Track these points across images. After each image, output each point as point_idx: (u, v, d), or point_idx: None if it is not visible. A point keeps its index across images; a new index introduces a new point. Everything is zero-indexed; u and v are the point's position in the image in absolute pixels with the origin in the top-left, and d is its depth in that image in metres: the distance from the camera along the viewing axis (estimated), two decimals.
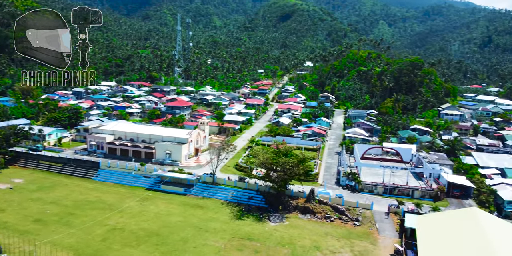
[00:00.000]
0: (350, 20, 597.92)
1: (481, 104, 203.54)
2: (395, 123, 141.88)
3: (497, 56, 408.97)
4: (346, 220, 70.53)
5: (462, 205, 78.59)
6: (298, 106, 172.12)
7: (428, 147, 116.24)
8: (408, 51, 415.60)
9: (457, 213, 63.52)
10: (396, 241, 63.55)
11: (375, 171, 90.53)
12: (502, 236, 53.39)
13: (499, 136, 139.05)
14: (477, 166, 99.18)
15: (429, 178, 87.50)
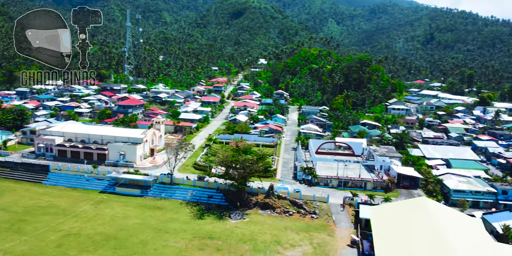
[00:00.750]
0: (301, 18, 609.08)
1: (425, 99, 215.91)
2: (346, 119, 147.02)
3: (439, 52, 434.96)
4: (304, 213, 72.48)
5: (411, 195, 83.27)
6: (254, 103, 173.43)
7: (377, 140, 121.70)
8: (356, 49, 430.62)
9: (408, 203, 67.38)
10: (352, 232, 66.25)
11: (329, 165, 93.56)
12: (450, 223, 57.45)
13: (443, 128, 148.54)
14: (424, 158, 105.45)
15: (380, 170, 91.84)
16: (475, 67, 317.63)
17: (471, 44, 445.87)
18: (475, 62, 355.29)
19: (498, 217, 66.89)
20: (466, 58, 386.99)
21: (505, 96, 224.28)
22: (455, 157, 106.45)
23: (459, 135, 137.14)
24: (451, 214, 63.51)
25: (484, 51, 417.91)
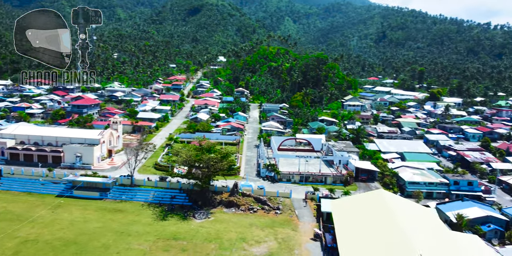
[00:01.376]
0: (258, 16, 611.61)
1: (379, 95, 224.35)
2: (305, 115, 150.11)
3: (391, 50, 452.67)
4: (268, 209, 73.50)
5: (369, 188, 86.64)
6: (215, 101, 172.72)
7: (335, 136, 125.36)
8: (312, 47, 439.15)
9: (366, 195, 70.08)
10: (314, 226, 68.03)
11: (291, 161, 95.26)
12: (406, 213, 60.45)
13: (396, 123, 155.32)
14: (380, 152, 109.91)
15: (339, 165, 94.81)
16: (425, 64, 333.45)
17: (421, 42, 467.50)
18: (425, 59, 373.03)
19: (451, 206, 71.23)
20: (416, 55, 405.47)
21: (454, 91, 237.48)
22: (408, 151, 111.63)
23: (412, 129, 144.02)
24: (407, 205, 66.80)
25: (433, 49, 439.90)
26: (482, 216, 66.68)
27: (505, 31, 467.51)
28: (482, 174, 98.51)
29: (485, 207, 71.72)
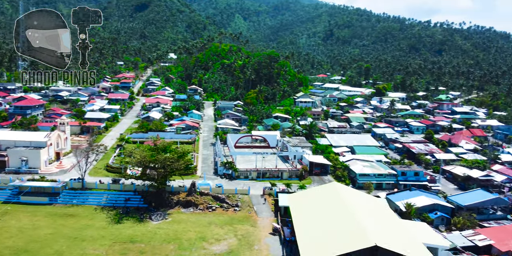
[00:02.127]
0: (208, 12, 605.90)
1: (328, 92, 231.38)
2: (260, 113, 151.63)
3: (338, 47, 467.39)
4: (227, 207, 73.70)
5: (323, 181, 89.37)
6: (167, 99, 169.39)
7: (289, 132, 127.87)
8: (263, 44, 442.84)
9: (321, 189, 72.47)
10: (273, 220, 69.18)
11: (248, 158, 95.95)
12: (359, 204, 63.20)
13: (345, 118, 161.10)
14: (331, 146, 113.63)
15: (294, 160, 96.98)
16: (370, 61, 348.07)
17: (366, 40, 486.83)
18: (370, 56, 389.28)
19: (400, 196, 75.28)
20: (362, 53, 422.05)
21: (398, 87, 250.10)
22: (358, 144, 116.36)
23: (360, 123, 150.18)
24: (360, 196, 69.89)
25: (377, 46, 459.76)
26: (429, 204, 71.17)
27: (444, 28, 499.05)
28: (427, 164, 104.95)
29: (431, 195, 76.64)
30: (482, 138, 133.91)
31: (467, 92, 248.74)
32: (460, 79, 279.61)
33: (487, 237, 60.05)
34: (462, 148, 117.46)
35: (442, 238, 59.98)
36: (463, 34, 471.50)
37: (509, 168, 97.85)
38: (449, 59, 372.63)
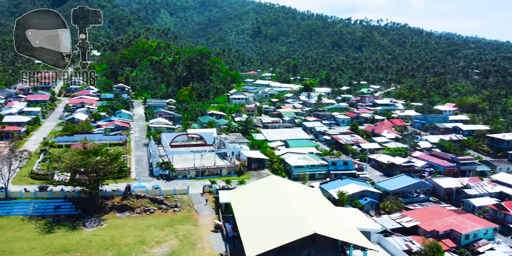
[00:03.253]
0: (131, 7, 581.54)
1: (260, 88, 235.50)
2: (194, 110, 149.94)
3: (266, 44, 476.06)
4: (166, 208, 72.27)
5: (261, 175, 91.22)
6: (93, 99, 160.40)
7: (226, 129, 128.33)
8: (192, 41, 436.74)
9: (260, 183, 74.01)
10: (214, 218, 69.30)
11: (185, 157, 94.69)
12: (296, 194, 65.75)
13: (278, 113, 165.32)
14: (267, 141, 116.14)
15: (232, 156, 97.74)
16: (297, 58, 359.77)
17: (292, 37, 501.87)
18: (297, 53, 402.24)
19: (332, 185, 79.47)
20: (289, 50, 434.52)
21: (324, 82, 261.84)
22: (291, 138, 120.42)
23: (291, 118, 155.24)
24: (296, 187, 72.69)
25: (303, 43, 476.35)
26: (359, 191, 76.11)
27: (363, 26, 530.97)
28: (354, 154, 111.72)
29: (360, 183, 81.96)
30: (402, 127, 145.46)
31: (386, 85, 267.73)
32: (380, 73, 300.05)
33: (413, 219, 65.86)
34: (385, 138, 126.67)
35: (373, 222, 64.64)
36: (381, 30, 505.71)
37: (428, 154, 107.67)
38: (369, 54, 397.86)
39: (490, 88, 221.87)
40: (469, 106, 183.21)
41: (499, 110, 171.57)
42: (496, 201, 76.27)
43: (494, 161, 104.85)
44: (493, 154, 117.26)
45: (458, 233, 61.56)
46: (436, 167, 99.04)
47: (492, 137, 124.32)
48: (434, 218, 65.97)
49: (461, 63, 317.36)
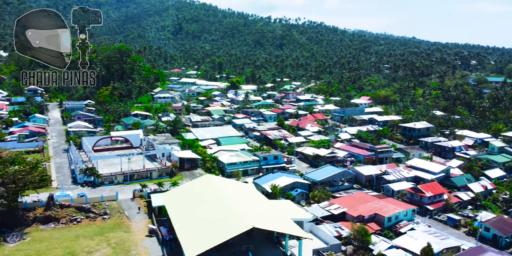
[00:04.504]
0: (40, 4, 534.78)
1: (186, 86, 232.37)
2: (116, 111, 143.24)
3: (189, 42, 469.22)
4: (94, 216, 68.53)
5: (194, 175, 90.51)
6: (2, 103, 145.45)
7: (153, 130, 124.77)
8: (109, 38, 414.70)
9: (194, 182, 73.32)
10: (148, 222, 67.33)
11: (111, 162, 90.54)
12: (231, 191, 66.31)
13: (207, 112, 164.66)
14: (198, 140, 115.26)
15: (163, 158, 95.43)
16: (222, 55, 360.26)
17: (214, 34, 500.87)
18: (221, 51, 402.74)
19: (265, 179, 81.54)
20: (213, 47, 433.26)
21: (249, 79, 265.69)
22: (222, 136, 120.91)
23: (221, 116, 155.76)
24: (230, 184, 73.27)
25: (226, 41, 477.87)
26: (290, 183, 79.07)
27: (283, 24, 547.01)
28: (282, 148, 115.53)
29: (290, 175, 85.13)
30: (324, 121, 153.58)
31: (307, 82, 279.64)
32: (300, 70, 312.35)
33: (340, 206, 70.14)
34: (309, 131, 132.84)
35: (305, 211, 67.72)
36: (299, 29, 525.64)
37: (348, 145, 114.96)
38: (289, 52, 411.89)
39: (400, 81, 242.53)
40: (382, 99, 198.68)
41: (408, 101, 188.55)
42: (412, 185, 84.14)
43: (407, 148, 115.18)
44: (406, 142, 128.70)
45: (382, 216, 66.97)
46: (357, 156, 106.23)
47: (404, 126, 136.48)
48: (359, 204, 70.90)
49: (373, 59, 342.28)
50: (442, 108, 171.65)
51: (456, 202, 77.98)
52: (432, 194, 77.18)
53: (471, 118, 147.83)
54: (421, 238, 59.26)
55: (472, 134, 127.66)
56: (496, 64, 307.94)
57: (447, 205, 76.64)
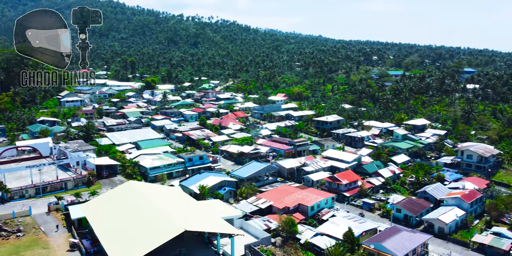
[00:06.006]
0: None
1: (96, 88, 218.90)
2: (20, 119, 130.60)
3: (95, 40, 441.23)
4: (7, 235, 62.41)
5: (114, 183, 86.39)
6: None
7: (64, 137, 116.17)
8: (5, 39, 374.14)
9: (117, 190, 70.28)
10: (68, 236, 63.12)
11: (19, 174, 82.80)
12: (157, 196, 64.94)
13: (122, 114, 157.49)
14: (115, 145, 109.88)
15: (78, 167, 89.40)
16: (133, 54, 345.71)
17: (124, 33, 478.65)
18: (132, 50, 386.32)
19: (192, 181, 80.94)
20: (122, 46, 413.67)
21: (166, 79, 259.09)
22: (141, 139, 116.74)
23: (138, 118, 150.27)
24: (156, 189, 71.75)
25: (137, 39, 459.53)
26: (217, 182, 79.62)
27: (196, 22, 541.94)
28: (206, 148, 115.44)
29: (218, 174, 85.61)
30: (244, 118, 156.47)
31: (225, 80, 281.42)
32: (217, 69, 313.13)
33: (267, 200, 72.59)
34: (231, 129, 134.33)
35: (234, 208, 68.92)
36: (212, 27, 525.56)
37: (269, 140, 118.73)
38: (205, 51, 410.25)
39: (311, 78, 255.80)
40: (296, 95, 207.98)
41: (319, 97, 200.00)
42: (329, 174, 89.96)
43: (322, 140, 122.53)
44: (320, 134, 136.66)
45: (305, 206, 70.81)
46: (278, 151, 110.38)
47: (317, 120, 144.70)
48: (284, 196, 74.10)
49: (285, 57, 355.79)
50: (350, 101, 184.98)
51: (369, 187, 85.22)
52: (348, 182, 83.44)
53: (376, 110, 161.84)
54: (342, 224, 63.98)
55: (378, 124, 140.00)
56: (395, 58, 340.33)
57: (362, 191, 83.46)
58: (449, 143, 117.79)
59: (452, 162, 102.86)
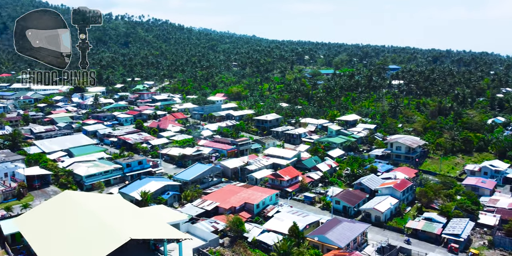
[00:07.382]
0: None
1: (20, 93, 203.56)
2: None
3: None
4: None
5: (47, 194, 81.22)
6: None
7: None
8: None
9: (52, 202, 66.08)
10: (2, 252, 58.51)
11: None
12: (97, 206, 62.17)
13: (50, 120, 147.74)
14: (45, 153, 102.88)
15: (5, 178, 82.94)
16: None
17: None
18: None
19: (132, 187, 78.42)
20: None
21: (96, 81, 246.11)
22: (73, 146, 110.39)
23: (68, 123, 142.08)
24: (94, 198, 68.52)
25: None
26: (160, 187, 77.90)
27: (126, 21, 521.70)
28: (145, 152, 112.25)
29: (160, 179, 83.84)
30: (184, 120, 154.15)
31: (160, 81, 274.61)
32: (151, 69, 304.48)
33: (213, 201, 72.57)
34: (171, 131, 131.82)
35: (179, 213, 68.03)
36: (144, 26, 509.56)
37: (211, 141, 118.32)
38: (137, 50, 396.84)
39: (248, 78, 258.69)
40: (235, 95, 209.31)
41: (258, 96, 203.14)
42: (271, 171, 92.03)
43: (262, 139, 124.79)
44: (261, 133, 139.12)
45: (251, 204, 71.91)
46: (220, 151, 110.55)
47: (257, 119, 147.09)
48: (229, 196, 74.60)
49: (221, 57, 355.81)
50: (286, 100, 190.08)
51: (309, 181, 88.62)
52: (290, 177, 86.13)
53: (311, 107, 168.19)
54: (286, 219, 65.96)
55: (313, 121, 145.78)
56: (325, 57, 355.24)
57: (302, 186, 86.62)
58: (379, 136, 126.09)
59: (383, 154, 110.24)
